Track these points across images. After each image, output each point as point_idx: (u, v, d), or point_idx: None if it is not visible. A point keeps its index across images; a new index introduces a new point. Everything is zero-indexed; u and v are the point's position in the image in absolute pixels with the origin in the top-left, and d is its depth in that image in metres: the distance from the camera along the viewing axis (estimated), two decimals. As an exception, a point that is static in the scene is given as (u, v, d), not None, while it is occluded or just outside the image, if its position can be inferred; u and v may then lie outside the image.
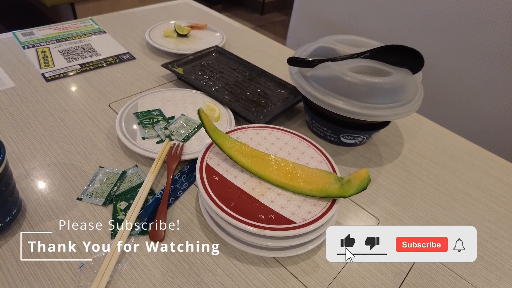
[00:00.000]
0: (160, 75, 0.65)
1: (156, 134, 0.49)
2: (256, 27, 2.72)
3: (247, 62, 0.67)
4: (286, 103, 0.58)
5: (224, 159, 0.41)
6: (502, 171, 0.56)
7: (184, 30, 0.74)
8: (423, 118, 0.65)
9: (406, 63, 0.50)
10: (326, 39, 0.54)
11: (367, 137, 0.54)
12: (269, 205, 0.37)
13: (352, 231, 0.33)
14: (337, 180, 0.38)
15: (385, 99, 0.47)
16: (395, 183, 0.50)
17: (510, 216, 0.48)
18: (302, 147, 0.44)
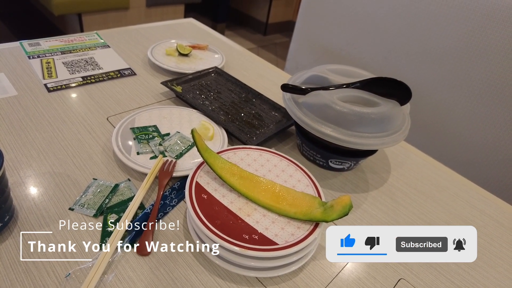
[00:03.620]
0: (159, 92, 0.67)
1: (150, 149, 0.50)
2: (258, 47, 2.78)
3: (244, 84, 0.69)
4: (279, 126, 0.60)
5: (213, 178, 0.42)
6: (485, 203, 0.57)
7: (185, 50, 0.77)
8: (411, 147, 0.67)
9: (395, 95, 0.52)
10: (319, 68, 0.57)
11: (354, 164, 0.55)
12: (254, 226, 0.38)
13: (352, 231, 0.33)
14: (321, 205, 0.39)
15: (372, 129, 0.49)
16: (379, 209, 0.51)
17: (489, 247, 0.49)
18: (290, 170, 0.46)
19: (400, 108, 0.52)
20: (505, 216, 0.55)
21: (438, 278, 0.43)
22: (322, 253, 0.43)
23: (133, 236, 0.40)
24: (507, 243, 0.50)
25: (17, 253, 0.37)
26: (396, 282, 0.42)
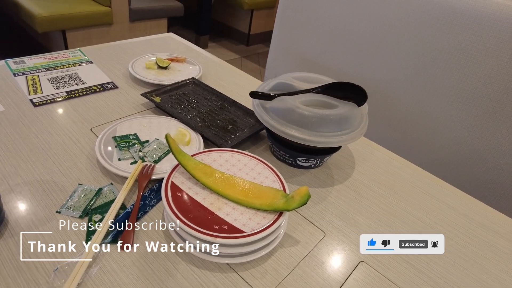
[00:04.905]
0: (139, 103, 0.72)
1: (131, 155, 0.55)
2: (242, 57, 2.85)
3: (220, 93, 0.74)
4: (252, 130, 0.65)
5: (188, 178, 0.47)
6: (444, 194, 0.63)
7: (164, 63, 0.82)
8: (375, 144, 0.73)
9: (352, 97, 0.58)
10: (285, 76, 0.62)
11: (320, 161, 0.61)
12: (224, 218, 0.42)
13: (374, 236, 0.49)
14: (284, 196, 0.44)
15: (333, 128, 0.55)
16: (343, 201, 0.57)
17: (445, 233, 0.54)
18: (259, 168, 0.51)
19: (358, 109, 0.58)
20: (461, 204, 0.61)
21: (395, 259, 0.48)
22: (289, 241, 0.48)
23: (116, 233, 0.44)
24: (460, 226, 0.56)
25: (8, 252, 0.41)
26: (356, 264, 0.47)
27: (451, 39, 0.90)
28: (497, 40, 0.82)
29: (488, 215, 0.60)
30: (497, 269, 0.50)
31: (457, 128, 0.98)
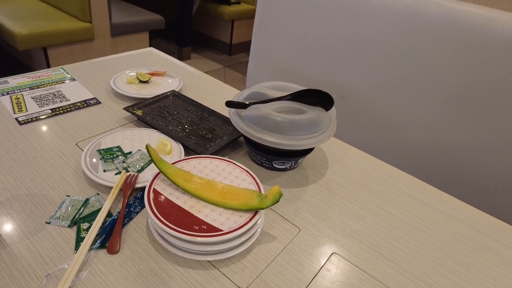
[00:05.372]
0: (122, 117, 0.75)
1: (115, 167, 0.58)
2: (225, 67, 2.90)
3: (200, 104, 0.78)
4: (230, 137, 0.69)
5: (169, 184, 0.50)
6: (413, 188, 0.68)
7: (145, 77, 0.85)
8: (348, 145, 0.78)
9: (320, 103, 0.63)
10: (258, 86, 0.67)
11: (295, 163, 0.65)
12: (204, 219, 0.46)
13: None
14: (258, 196, 0.48)
15: (303, 132, 0.59)
16: (317, 199, 0.61)
17: (413, 224, 0.59)
18: (236, 172, 0.55)
19: (326, 113, 0.63)
20: (428, 197, 0.65)
21: (365, 249, 0.53)
22: (267, 237, 0.52)
23: (104, 238, 0.47)
24: (426, 216, 0.61)
25: (1, 262, 0.43)
26: (329, 256, 0.51)
27: (417, 45, 0.97)
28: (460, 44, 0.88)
29: (453, 205, 0.65)
30: (460, 254, 0.55)
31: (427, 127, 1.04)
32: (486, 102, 0.91)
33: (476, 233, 0.59)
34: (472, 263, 0.54)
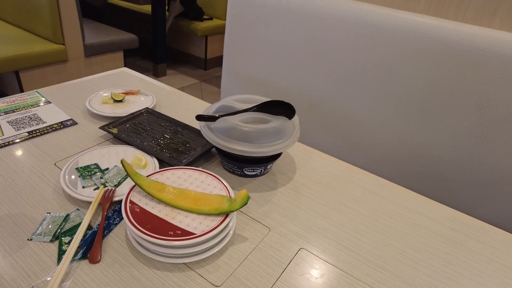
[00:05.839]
0: (99, 136, 0.78)
1: (93, 183, 0.61)
2: (201, 81, 2.95)
3: (173, 119, 0.82)
4: (203, 148, 0.73)
5: (144, 195, 0.54)
6: (373, 185, 0.74)
7: (119, 97, 0.89)
8: (314, 150, 0.83)
9: (283, 112, 0.68)
10: (226, 99, 0.72)
11: (264, 169, 0.70)
12: (178, 225, 0.50)
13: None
14: (228, 200, 0.53)
15: (269, 139, 0.64)
16: (285, 201, 0.66)
17: (373, 217, 0.65)
18: (208, 180, 0.59)
19: (289, 121, 0.68)
20: (387, 192, 0.71)
21: (330, 243, 0.58)
22: (239, 238, 0.56)
23: (85, 250, 0.50)
24: (386, 210, 0.66)
25: (-13, 279, 0.46)
26: (296, 251, 0.56)
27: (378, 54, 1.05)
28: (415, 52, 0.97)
29: (410, 198, 0.71)
30: (416, 241, 0.60)
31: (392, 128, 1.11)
32: (440, 103, 0.99)
33: (430, 221, 0.66)
34: (427, 248, 0.60)
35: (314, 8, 1.13)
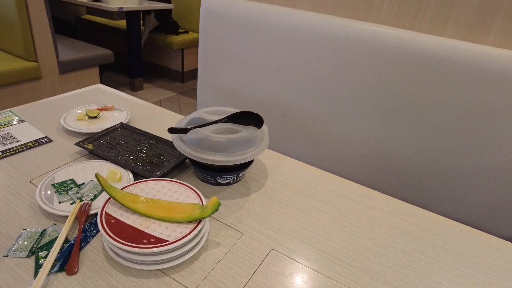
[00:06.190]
0: (74, 152, 0.80)
1: (70, 198, 0.63)
2: (178, 94, 2.97)
3: (147, 133, 0.85)
4: (177, 160, 0.76)
5: (119, 207, 0.56)
6: (342, 187, 0.78)
7: (94, 113, 0.91)
8: (286, 157, 0.88)
9: (252, 122, 0.72)
10: (197, 112, 0.75)
11: (237, 177, 0.73)
12: (152, 233, 0.53)
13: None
14: (200, 208, 0.56)
15: (240, 148, 0.68)
16: (258, 206, 0.69)
17: (341, 218, 0.69)
18: (181, 190, 0.62)
19: (258, 131, 0.72)
20: (354, 193, 0.76)
21: (299, 244, 0.61)
22: (212, 244, 0.59)
23: (62, 262, 0.52)
24: (351, 209, 0.71)
25: (-36, 296, 0.47)
26: (267, 252, 0.59)
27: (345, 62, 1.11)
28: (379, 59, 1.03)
29: (375, 198, 0.76)
30: (380, 238, 0.65)
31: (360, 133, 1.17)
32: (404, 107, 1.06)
33: (394, 219, 0.70)
34: (391, 244, 0.64)
35: (281, 22, 1.19)
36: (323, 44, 1.13)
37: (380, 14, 1.14)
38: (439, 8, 1.03)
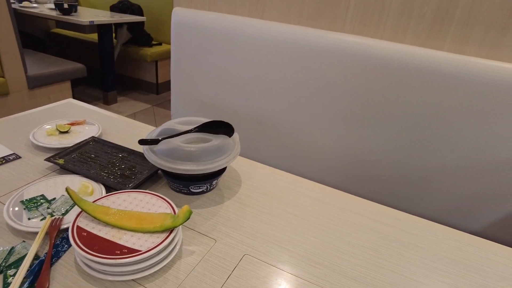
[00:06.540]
0: (45, 168, 0.79)
1: (40, 214, 0.62)
2: (153, 106, 2.95)
3: (119, 146, 0.85)
4: (150, 171, 0.77)
5: (91, 220, 0.56)
6: (313, 190, 0.81)
7: (64, 128, 0.90)
8: (259, 164, 0.90)
9: (223, 131, 0.74)
10: (168, 123, 0.76)
11: (210, 185, 0.74)
12: (124, 244, 0.53)
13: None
14: (172, 217, 0.57)
15: (211, 157, 0.69)
16: (231, 213, 0.70)
17: (311, 220, 0.71)
18: (153, 200, 0.62)
19: (229, 139, 0.74)
20: (324, 195, 0.79)
21: (271, 247, 0.63)
22: (186, 252, 0.60)
23: (32, 279, 0.51)
24: (321, 211, 0.73)
25: None
26: (241, 257, 0.60)
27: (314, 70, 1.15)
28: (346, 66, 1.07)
29: (344, 199, 0.79)
30: (349, 236, 0.68)
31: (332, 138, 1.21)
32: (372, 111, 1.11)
33: (364, 219, 0.73)
34: (361, 243, 0.67)
35: (251, 33, 1.22)
36: (292, 54, 1.17)
37: (345, 24, 1.19)
38: (399, 17, 1.09)
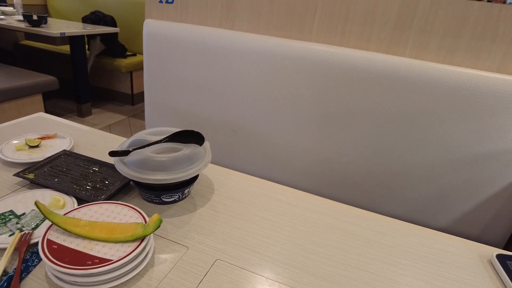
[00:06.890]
0: (13, 183, 0.78)
1: (8, 229, 0.62)
2: (129, 117, 2.93)
3: (91, 158, 0.85)
4: (122, 183, 0.78)
5: (62, 232, 0.57)
6: (283, 194, 0.84)
7: (34, 142, 0.90)
8: (232, 171, 0.92)
9: (193, 140, 0.76)
10: (138, 134, 0.78)
11: (182, 194, 0.76)
12: (96, 255, 0.54)
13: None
14: (142, 226, 0.58)
15: (182, 166, 0.71)
16: (203, 220, 0.72)
17: (281, 222, 0.74)
18: (125, 211, 0.64)
19: (200, 148, 0.76)
20: (295, 199, 0.82)
21: (243, 251, 0.65)
22: (158, 260, 0.61)
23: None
24: (293, 214, 0.76)
25: None
26: (213, 262, 0.62)
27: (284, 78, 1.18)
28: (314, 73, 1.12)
29: (313, 201, 0.82)
30: (317, 237, 0.71)
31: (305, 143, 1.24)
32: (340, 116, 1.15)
33: (332, 219, 0.77)
34: (328, 242, 0.70)
35: (222, 43, 1.25)
36: (262, 63, 1.21)
37: (312, 33, 1.24)
38: (362, 25, 1.14)
